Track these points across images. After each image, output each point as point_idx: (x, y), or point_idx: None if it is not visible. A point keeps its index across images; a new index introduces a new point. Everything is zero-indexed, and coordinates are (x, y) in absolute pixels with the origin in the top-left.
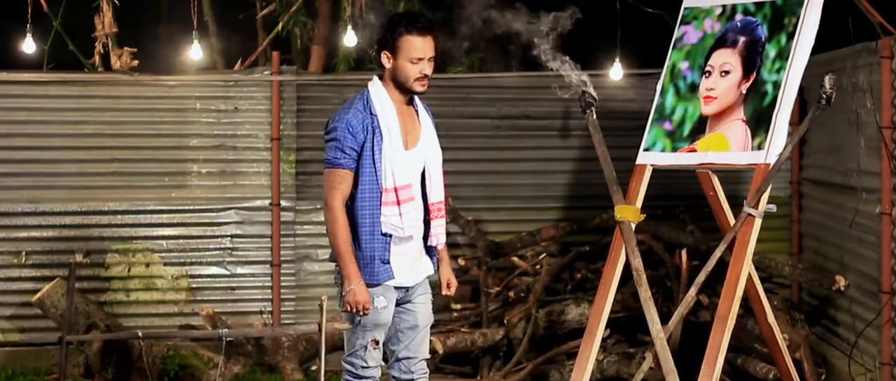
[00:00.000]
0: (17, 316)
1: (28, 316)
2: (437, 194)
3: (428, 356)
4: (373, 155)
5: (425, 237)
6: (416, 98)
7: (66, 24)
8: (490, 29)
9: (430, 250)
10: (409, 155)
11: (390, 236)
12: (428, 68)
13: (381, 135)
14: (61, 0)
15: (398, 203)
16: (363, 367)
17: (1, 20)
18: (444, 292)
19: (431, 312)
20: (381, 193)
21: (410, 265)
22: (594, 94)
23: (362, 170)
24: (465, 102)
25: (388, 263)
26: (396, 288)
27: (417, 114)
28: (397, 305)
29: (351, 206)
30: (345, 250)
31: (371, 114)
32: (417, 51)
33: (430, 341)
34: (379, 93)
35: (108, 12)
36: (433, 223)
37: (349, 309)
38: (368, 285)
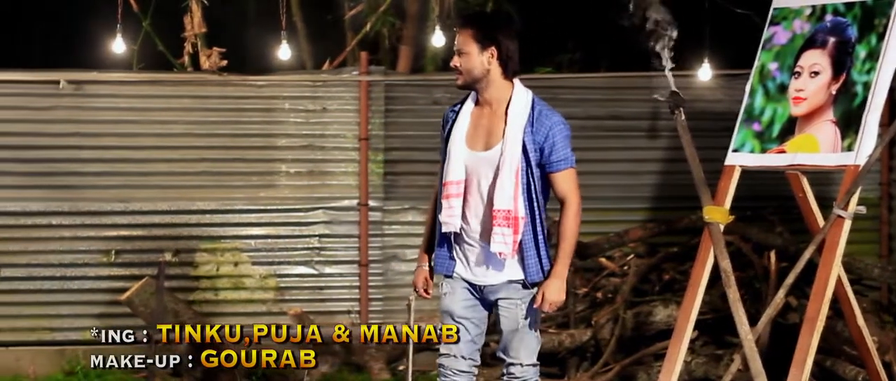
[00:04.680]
0: (107, 315)
1: (117, 315)
2: (502, 201)
3: (520, 361)
4: (444, 147)
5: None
6: (522, 101)
7: (155, 25)
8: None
9: (523, 257)
10: (474, 155)
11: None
12: (457, 60)
13: (451, 129)
14: (150, 0)
15: (448, 197)
16: (439, 352)
17: (91, 21)
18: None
19: (518, 318)
20: (442, 185)
21: (476, 264)
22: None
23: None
24: (552, 103)
25: (447, 254)
26: (470, 283)
27: (507, 115)
28: (490, 305)
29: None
30: (424, 232)
31: (455, 109)
32: (456, 45)
33: None
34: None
35: (198, 13)
36: (494, 231)
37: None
38: (436, 272)
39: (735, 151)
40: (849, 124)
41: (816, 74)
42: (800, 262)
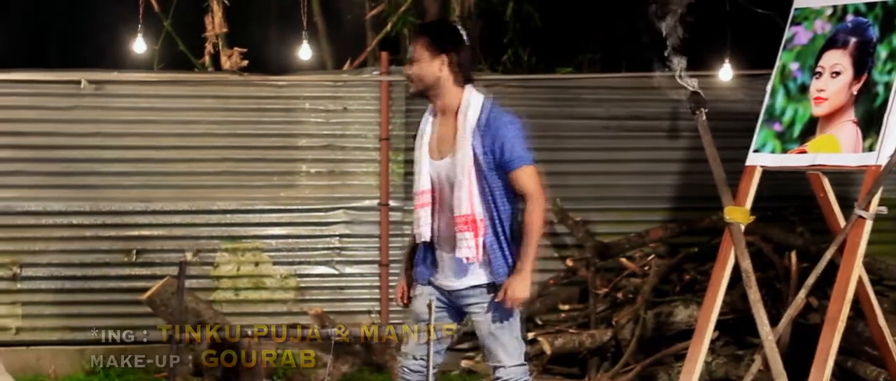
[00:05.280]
0: (127, 314)
1: (138, 314)
2: (461, 207)
3: (502, 363)
4: (416, 157)
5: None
6: (471, 106)
7: (176, 25)
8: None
9: (488, 259)
10: (436, 164)
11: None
12: (410, 69)
13: (420, 139)
14: (172, 1)
15: (417, 208)
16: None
17: (112, 21)
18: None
19: (489, 322)
20: (414, 195)
21: (446, 270)
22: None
23: None
24: (574, 103)
25: (423, 262)
26: (440, 290)
27: (457, 122)
28: (462, 314)
29: None
30: (408, 242)
31: (427, 117)
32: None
33: (538, 342)
34: None
35: (219, 12)
36: (458, 237)
37: None
38: (414, 280)
39: (756, 151)
40: (870, 125)
41: (837, 74)
42: (821, 262)
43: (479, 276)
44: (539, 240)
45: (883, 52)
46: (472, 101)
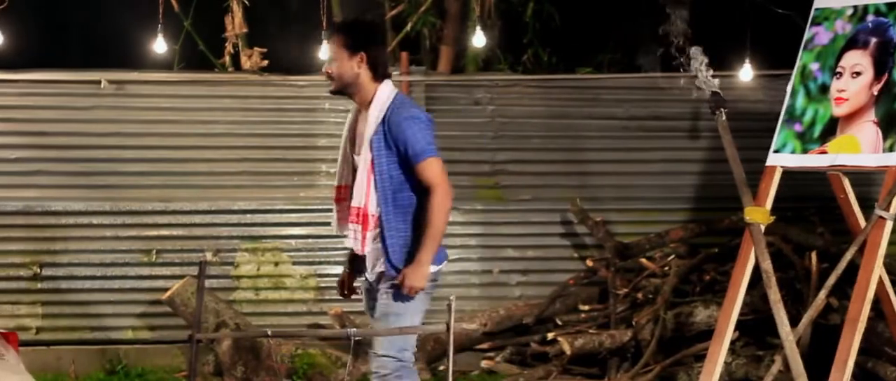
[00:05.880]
0: (148, 314)
1: (158, 314)
2: (356, 199)
3: (374, 349)
4: None
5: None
6: (379, 101)
7: (196, 25)
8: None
9: (385, 249)
10: (354, 158)
11: None
12: (329, 67)
13: (344, 135)
14: (192, 1)
15: (334, 201)
16: None
17: (132, 21)
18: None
19: (380, 311)
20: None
21: (366, 262)
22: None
23: None
24: (594, 103)
25: (355, 256)
26: (367, 281)
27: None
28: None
29: None
30: None
31: (351, 114)
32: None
33: (558, 342)
34: None
35: (239, 13)
36: (347, 227)
37: None
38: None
39: (776, 151)
40: (890, 125)
41: (858, 74)
42: (841, 263)
43: (384, 266)
44: (442, 230)
45: None
46: (382, 95)
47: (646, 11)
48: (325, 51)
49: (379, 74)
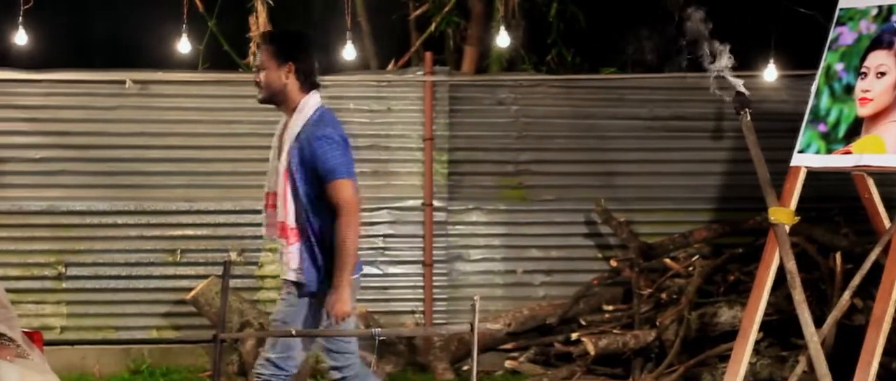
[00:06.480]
0: (172, 314)
1: (182, 314)
2: (279, 212)
3: (263, 354)
4: None
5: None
6: (302, 114)
7: (220, 25)
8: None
9: (301, 267)
10: (275, 165)
11: None
12: (258, 76)
13: (273, 142)
14: (216, 1)
15: (265, 207)
16: None
17: (157, 21)
18: None
19: (280, 311)
20: None
21: (284, 263)
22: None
23: None
24: (618, 103)
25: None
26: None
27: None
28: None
29: None
30: None
31: (282, 121)
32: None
33: (582, 342)
34: None
35: (263, 13)
36: (278, 240)
37: None
38: None
39: (801, 152)
40: None
41: (883, 74)
42: (866, 263)
43: (295, 274)
44: (353, 251)
45: None
46: (306, 108)
47: (667, 12)
48: (349, 51)
49: (307, 84)
